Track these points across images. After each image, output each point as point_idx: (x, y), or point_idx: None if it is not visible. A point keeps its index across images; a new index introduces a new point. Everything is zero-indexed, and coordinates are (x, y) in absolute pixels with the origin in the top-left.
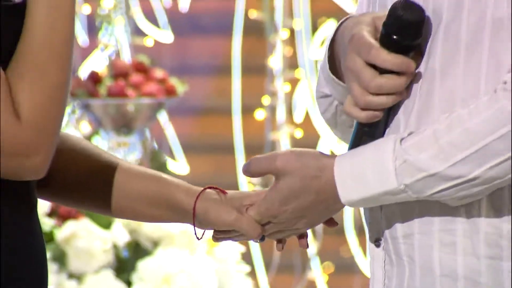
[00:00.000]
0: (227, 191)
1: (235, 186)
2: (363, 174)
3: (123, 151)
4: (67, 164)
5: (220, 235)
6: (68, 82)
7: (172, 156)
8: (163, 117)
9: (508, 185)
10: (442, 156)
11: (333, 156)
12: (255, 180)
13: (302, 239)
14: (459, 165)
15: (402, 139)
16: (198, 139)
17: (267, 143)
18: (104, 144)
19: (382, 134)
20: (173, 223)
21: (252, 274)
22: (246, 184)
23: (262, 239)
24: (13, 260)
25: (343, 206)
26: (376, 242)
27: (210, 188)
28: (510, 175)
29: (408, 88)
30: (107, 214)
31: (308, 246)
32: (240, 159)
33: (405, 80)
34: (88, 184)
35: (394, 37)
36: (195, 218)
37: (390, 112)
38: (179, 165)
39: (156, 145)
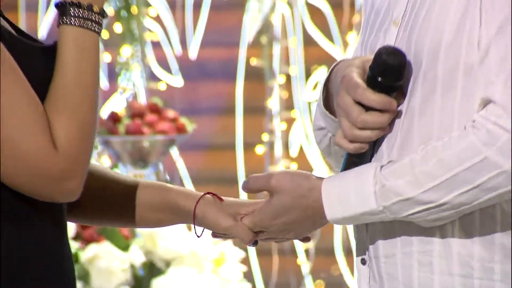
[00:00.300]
0: (223, 198)
1: None
2: (347, 196)
3: None
4: (93, 187)
5: (218, 234)
6: (97, 118)
7: (183, 186)
8: (174, 152)
9: (478, 210)
10: (416, 183)
11: (321, 178)
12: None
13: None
14: (431, 192)
15: (382, 166)
16: (205, 171)
17: None
18: None
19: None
20: (175, 225)
21: None
22: None
23: (255, 243)
24: (47, 278)
25: (327, 221)
26: (362, 260)
27: (209, 193)
28: (476, 202)
29: (391, 124)
30: (127, 226)
31: (309, 240)
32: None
33: (388, 117)
34: (109, 202)
35: (379, 79)
36: (195, 219)
37: (375, 145)
38: None
39: (168, 177)
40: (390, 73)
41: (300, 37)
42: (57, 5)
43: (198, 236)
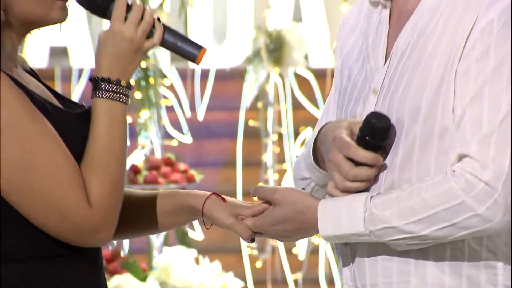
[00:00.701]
0: (226, 198)
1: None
2: (339, 217)
3: None
4: (122, 208)
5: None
6: (125, 177)
7: (192, 227)
8: None
9: (449, 246)
10: (401, 215)
11: (318, 199)
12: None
13: None
14: (413, 224)
15: (372, 197)
16: None
17: None
18: None
19: None
20: (188, 223)
21: None
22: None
23: (252, 240)
24: None
25: (317, 232)
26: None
27: (214, 194)
28: (450, 237)
29: (376, 176)
30: (151, 233)
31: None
32: None
33: (374, 171)
34: (136, 217)
35: (367, 138)
36: (203, 214)
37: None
38: (196, 233)
39: None
40: (377, 134)
41: (290, 102)
42: (90, 79)
43: (208, 228)
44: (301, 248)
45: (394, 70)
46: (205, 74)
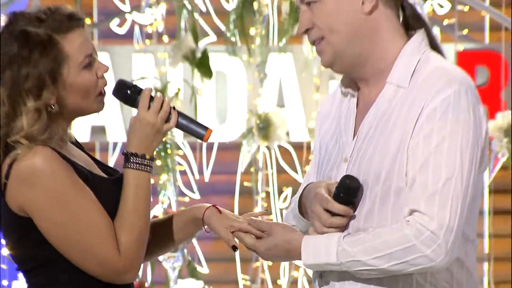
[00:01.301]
0: (222, 210)
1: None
2: (318, 250)
3: (171, 261)
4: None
5: None
6: (147, 229)
7: (200, 264)
8: (194, 240)
9: (402, 278)
10: (365, 252)
11: (302, 234)
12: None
13: None
14: (374, 260)
15: (344, 236)
16: (215, 254)
17: None
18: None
19: None
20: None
21: None
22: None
23: (235, 249)
24: None
25: (299, 259)
26: None
27: (213, 206)
28: (403, 271)
29: (346, 224)
30: (170, 250)
31: None
32: (238, 267)
33: (346, 221)
34: (158, 240)
35: (341, 195)
36: (204, 221)
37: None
38: (203, 268)
39: (189, 257)
40: (349, 192)
41: (275, 168)
42: (123, 153)
43: (207, 232)
44: (283, 280)
45: (360, 143)
46: (210, 146)
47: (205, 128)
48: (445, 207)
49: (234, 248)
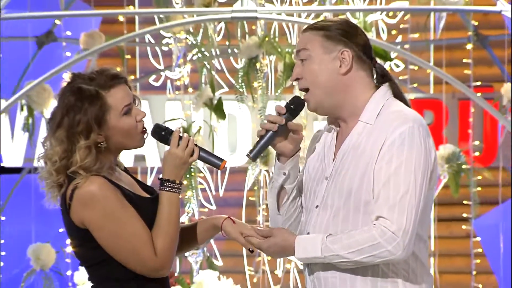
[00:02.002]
0: (236, 221)
1: (243, 271)
2: (307, 247)
3: (194, 256)
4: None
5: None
6: (177, 236)
7: (216, 258)
8: (211, 240)
9: (370, 267)
10: (343, 248)
11: (295, 235)
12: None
13: None
14: (349, 254)
15: (327, 236)
16: (227, 251)
17: None
18: None
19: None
20: (214, 236)
21: None
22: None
23: (251, 251)
24: None
25: (293, 254)
26: None
27: (229, 217)
28: (372, 262)
29: (328, 228)
30: (198, 246)
31: None
32: (245, 261)
33: (281, 121)
34: (188, 240)
35: (292, 106)
36: (222, 229)
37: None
38: (218, 262)
39: (208, 253)
40: (293, 102)
41: None
42: (159, 178)
43: (224, 236)
44: (279, 271)
45: (338, 165)
46: (224, 170)
47: (221, 160)
48: (403, 214)
49: (251, 251)
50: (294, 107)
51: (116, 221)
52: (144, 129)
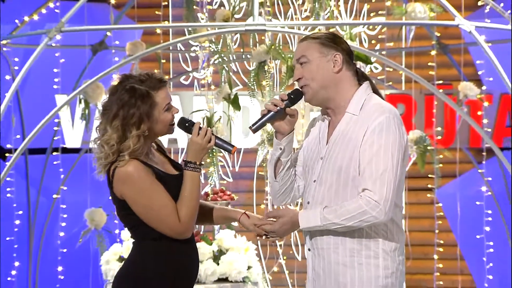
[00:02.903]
0: (250, 215)
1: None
2: (309, 218)
3: None
4: (201, 212)
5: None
6: (197, 208)
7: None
8: None
9: (357, 230)
10: (336, 217)
11: (298, 211)
12: None
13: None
14: (342, 221)
15: (323, 208)
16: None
17: None
18: None
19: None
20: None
21: None
22: None
23: (265, 236)
24: (176, 269)
25: (299, 227)
26: (309, 250)
27: (245, 213)
28: (360, 226)
29: (324, 201)
30: (211, 224)
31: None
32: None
33: (281, 105)
34: (205, 216)
35: (289, 93)
36: (239, 222)
37: (315, 203)
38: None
39: None
40: (294, 93)
41: None
42: (183, 160)
43: (240, 227)
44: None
45: (330, 148)
46: (239, 151)
47: (232, 146)
48: (383, 186)
49: (267, 236)
50: (294, 96)
51: (147, 197)
52: (173, 124)
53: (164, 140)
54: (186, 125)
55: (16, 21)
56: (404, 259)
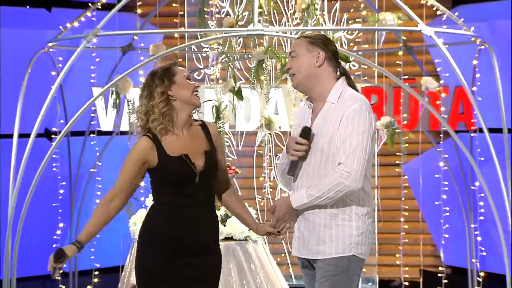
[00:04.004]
0: (259, 225)
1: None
2: (297, 199)
3: None
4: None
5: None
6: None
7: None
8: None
9: (341, 199)
10: (318, 191)
11: (288, 196)
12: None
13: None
14: (323, 193)
15: (308, 188)
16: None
17: None
18: None
19: (296, 171)
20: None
21: None
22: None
23: (279, 232)
24: (169, 231)
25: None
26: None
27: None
28: (337, 197)
29: (309, 178)
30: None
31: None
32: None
33: (304, 148)
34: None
35: (302, 135)
36: (256, 231)
37: (299, 179)
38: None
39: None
40: (306, 132)
41: (273, 143)
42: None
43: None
44: (277, 198)
45: (315, 131)
46: (242, 133)
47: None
48: (354, 160)
49: (279, 233)
50: (307, 133)
51: (122, 167)
52: (196, 92)
53: None
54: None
55: (60, 27)
56: (374, 221)
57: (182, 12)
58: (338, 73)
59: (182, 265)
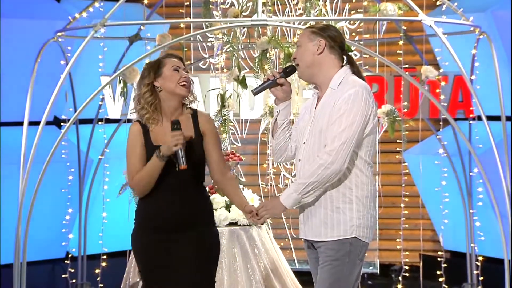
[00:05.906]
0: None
1: (258, 185)
2: (286, 197)
3: None
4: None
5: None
6: (148, 179)
7: (241, 177)
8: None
9: (341, 180)
10: (306, 178)
11: (278, 197)
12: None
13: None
14: (310, 179)
15: (293, 181)
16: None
17: None
18: None
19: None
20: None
21: None
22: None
23: (258, 218)
24: (141, 216)
25: (283, 206)
26: (301, 208)
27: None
28: (328, 180)
29: (309, 153)
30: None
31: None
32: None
33: (276, 74)
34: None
35: (287, 70)
36: (243, 210)
37: (300, 159)
38: (243, 179)
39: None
40: (288, 67)
41: None
42: (157, 148)
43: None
44: (281, 184)
45: (316, 115)
46: (246, 121)
47: (183, 164)
48: (339, 141)
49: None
50: (288, 70)
51: (127, 152)
52: (183, 83)
53: None
54: (175, 126)
55: (69, 17)
56: (375, 206)
57: (188, 3)
58: (345, 61)
59: (158, 240)
